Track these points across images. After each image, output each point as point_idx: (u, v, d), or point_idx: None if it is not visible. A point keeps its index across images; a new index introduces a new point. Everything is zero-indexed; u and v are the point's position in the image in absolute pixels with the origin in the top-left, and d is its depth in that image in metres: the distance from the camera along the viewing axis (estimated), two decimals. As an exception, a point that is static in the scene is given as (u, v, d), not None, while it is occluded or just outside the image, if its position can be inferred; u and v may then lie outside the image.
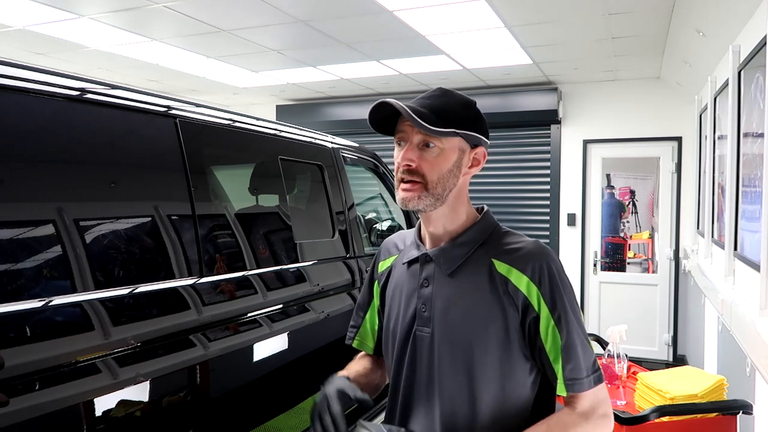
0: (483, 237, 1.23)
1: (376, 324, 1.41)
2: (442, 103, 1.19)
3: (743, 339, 2.43)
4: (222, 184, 2.41)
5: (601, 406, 1.16)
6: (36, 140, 1.63)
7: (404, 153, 1.17)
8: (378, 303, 1.40)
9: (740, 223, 2.80)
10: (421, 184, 1.16)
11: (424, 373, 1.20)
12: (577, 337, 1.15)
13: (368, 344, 1.42)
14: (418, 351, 1.22)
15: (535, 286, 1.15)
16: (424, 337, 1.21)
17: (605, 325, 2.84)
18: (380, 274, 1.38)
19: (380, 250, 1.42)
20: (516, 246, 1.20)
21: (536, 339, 1.16)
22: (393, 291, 1.31)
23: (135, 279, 1.80)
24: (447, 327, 1.18)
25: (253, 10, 3.66)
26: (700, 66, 4.11)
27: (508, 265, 1.17)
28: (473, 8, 3.61)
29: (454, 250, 1.22)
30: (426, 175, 1.16)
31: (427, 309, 1.21)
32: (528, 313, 1.15)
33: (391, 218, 4.25)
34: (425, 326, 1.21)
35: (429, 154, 1.16)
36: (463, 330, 1.17)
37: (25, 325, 1.44)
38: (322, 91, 6.34)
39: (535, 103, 5.75)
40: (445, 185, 1.18)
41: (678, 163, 5.57)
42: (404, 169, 1.17)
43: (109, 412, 1.56)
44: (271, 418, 2.26)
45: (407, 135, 1.17)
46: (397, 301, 1.29)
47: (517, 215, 6.09)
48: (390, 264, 1.36)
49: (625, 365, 2.56)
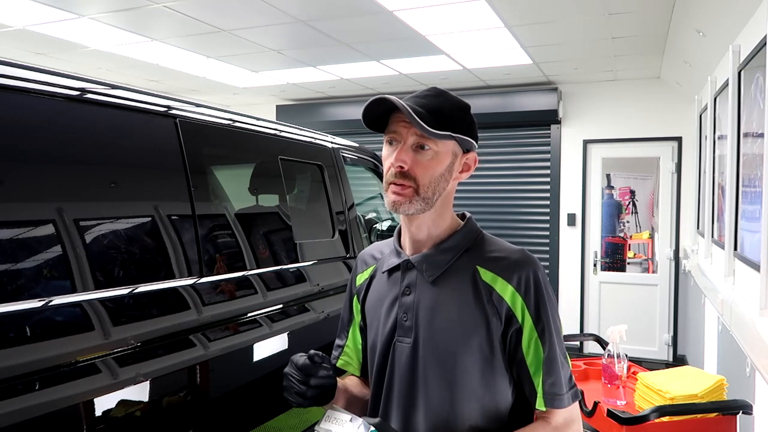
0: (467, 243, 1.19)
1: (359, 343, 1.34)
2: (439, 104, 1.14)
3: (743, 339, 2.43)
4: (222, 184, 2.41)
5: (574, 424, 1.15)
6: (36, 140, 1.63)
7: (398, 154, 1.11)
8: (359, 319, 1.33)
9: (740, 223, 2.80)
10: (413, 188, 1.11)
11: (406, 384, 1.16)
12: (559, 350, 1.14)
13: (353, 365, 1.35)
14: (398, 362, 1.17)
15: (520, 297, 1.12)
16: (404, 348, 1.16)
17: (605, 325, 2.84)
18: (358, 288, 1.33)
19: (356, 263, 1.37)
20: (501, 254, 1.16)
21: (517, 351, 1.13)
22: (373, 303, 1.26)
23: (135, 279, 1.80)
24: (430, 336, 1.14)
25: (253, 10, 3.66)
26: (700, 66, 4.11)
27: (493, 274, 1.14)
28: (473, 8, 3.61)
29: (437, 256, 1.17)
30: (418, 179, 1.11)
31: (408, 318, 1.17)
32: (511, 324, 1.12)
33: (391, 218, 4.25)
34: (406, 336, 1.16)
35: (423, 157, 1.12)
36: (447, 339, 1.13)
37: (25, 325, 1.44)
38: (322, 91, 6.34)
39: (535, 103, 5.75)
40: (435, 189, 1.13)
41: (678, 163, 5.57)
42: (397, 171, 1.11)
43: (109, 412, 1.56)
44: (271, 418, 2.26)
45: (401, 135, 1.12)
46: (377, 312, 1.23)
47: (517, 215, 6.09)
48: (368, 275, 1.31)
49: (625, 365, 2.56)
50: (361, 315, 1.33)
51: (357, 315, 1.35)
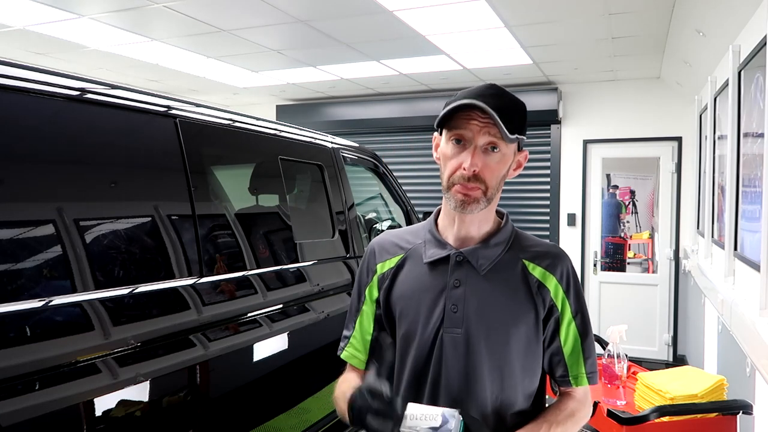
0: (511, 238, 1.25)
1: (368, 333, 1.31)
2: (506, 104, 1.15)
3: (743, 339, 2.43)
4: (222, 184, 2.41)
5: (589, 395, 1.29)
6: (36, 140, 1.63)
7: (473, 158, 1.12)
8: (373, 309, 1.30)
9: (740, 223, 2.79)
10: (482, 190, 1.15)
11: (458, 374, 1.18)
12: (592, 335, 1.26)
13: (358, 357, 1.32)
14: (447, 353, 1.18)
15: (561, 288, 1.21)
16: (455, 338, 1.18)
17: (605, 325, 2.84)
18: (381, 276, 1.28)
19: (373, 251, 1.33)
20: (542, 249, 1.25)
21: (554, 337, 1.23)
22: (408, 292, 1.24)
23: (135, 279, 1.80)
24: (483, 326, 1.18)
25: (253, 10, 3.66)
26: (700, 66, 4.11)
27: (540, 268, 1.22)
28: (473, 8, 3.61)
29: (488, 250, 1.22)
30: (487, 181, 1.15)
31: (458, 309, 1.19)
32: (552, 313, 1.21)
33: (391, 218, 4.25)
34: (456, 327, 1.19)
35: (492, 159, 1.14)
36: (499, 329, 1.18)
37: (25, 325, 1.44)
38: (322, 91, 6.34)
39: (535, 103, 5.75)
40: (498, 188, 1.18)
41: (678, 163, 5.57)
42: (470, 175, 1.13)
43: (109, 412, 1.56)
44: (271, 418, 2.26)
45: (472, 135, 1.13)
46: (415, 302, 1.22)
47: (517, 215, 6.09)
48: (394, 264, 1.27)
49: (625, 365, 2.56)
50: (377, 304, 1.29)
51: (370, 305, 1.31)
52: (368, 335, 1.31)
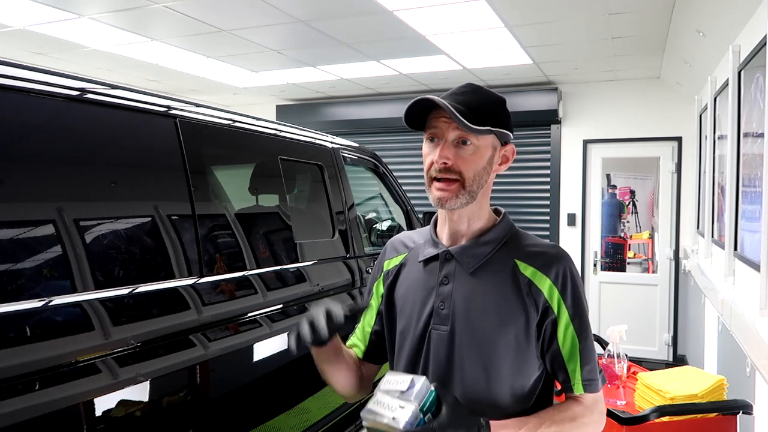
0: (505, 237, 1.24)
1: (370, 326, 1.37)
2: (476, 99, 1.18)
3: (743, 339, 2.43)
4: (222, 184, 2.41)
5: (599, 403, 1.23)
6: (36, 140, 1.63)
7: (441, 151, 1.15)
8: (378, 304, 1.36)
9: (740, 223, 2.79)
10: (458, 183, 1.16)
11: (442, 369, 1.19)
12: (591, 340, 1.22)
13: (359, 347, 1.38)
14: (434, 349, 1.20)
15: (557, 290, 1.18)
16: (440, 335, 1.20)
17: (605, 325, 2.84)
18: (386, 273, 1.35)
19: (385, 249, 1.39)
20: (539, 249, 1.23)
21: (552, 341, 1.19)
22: (405, 290, 1.29)
23: (135, 279, 1.80)
24: (467, 324, 1.18)
25: (253, 10, 3.66)
26: (700, 66, 4.11)
27: (532, 268, 1.19)
28: (473, 8, 3.61)
29: (477, 248, 1.21)
30: (463, 173, 1.16)
31: (446, 306, 1.20)
32: (547, 315, 1.18)
33: (391, 218, 4.25)
34: (442, 324, 1.20)
35: (465, 152, 1.16)
36: (484, 327, 1.17)
37: (25, 325, 1.44)
38: (322, 91, 6.34)
39: (535, 103, 5.75)
40: (479, 182, 1.18)
41: (678, 163, 5.57)
42: (441, 167, 1.15)
43: (109, 412, 1.56)
44: (271, 418, 2.26)
45: (442, 131, 1.16)
46: (410, 300, 1.26)
47: (517, 215, 6.08)
48: (398, 262, 1.33)
49: (625, 365, 2.56)
50: (381, 300, 1.34)
51: (376, 300, 1.36)
52: (369, 327, 1.37)
